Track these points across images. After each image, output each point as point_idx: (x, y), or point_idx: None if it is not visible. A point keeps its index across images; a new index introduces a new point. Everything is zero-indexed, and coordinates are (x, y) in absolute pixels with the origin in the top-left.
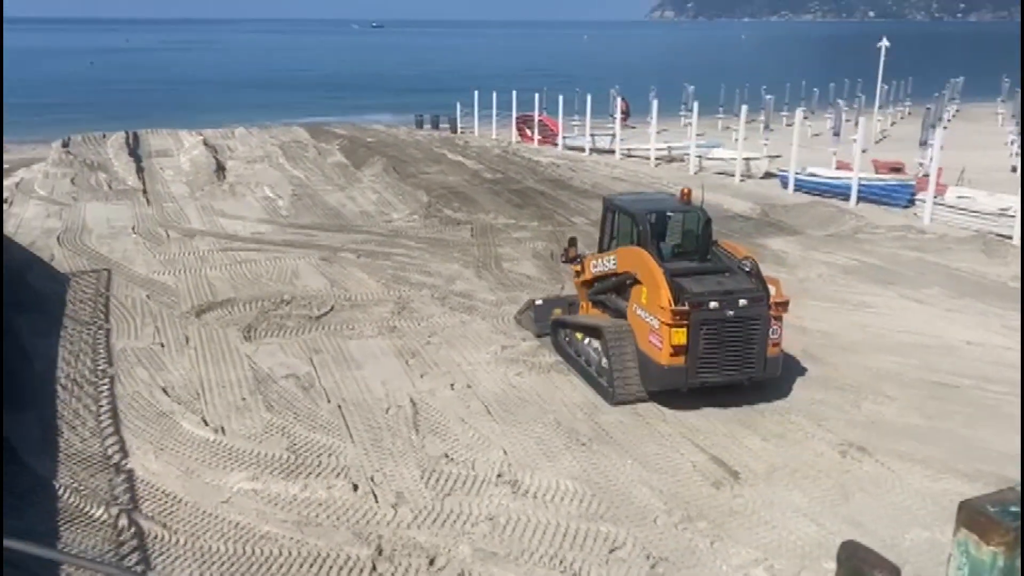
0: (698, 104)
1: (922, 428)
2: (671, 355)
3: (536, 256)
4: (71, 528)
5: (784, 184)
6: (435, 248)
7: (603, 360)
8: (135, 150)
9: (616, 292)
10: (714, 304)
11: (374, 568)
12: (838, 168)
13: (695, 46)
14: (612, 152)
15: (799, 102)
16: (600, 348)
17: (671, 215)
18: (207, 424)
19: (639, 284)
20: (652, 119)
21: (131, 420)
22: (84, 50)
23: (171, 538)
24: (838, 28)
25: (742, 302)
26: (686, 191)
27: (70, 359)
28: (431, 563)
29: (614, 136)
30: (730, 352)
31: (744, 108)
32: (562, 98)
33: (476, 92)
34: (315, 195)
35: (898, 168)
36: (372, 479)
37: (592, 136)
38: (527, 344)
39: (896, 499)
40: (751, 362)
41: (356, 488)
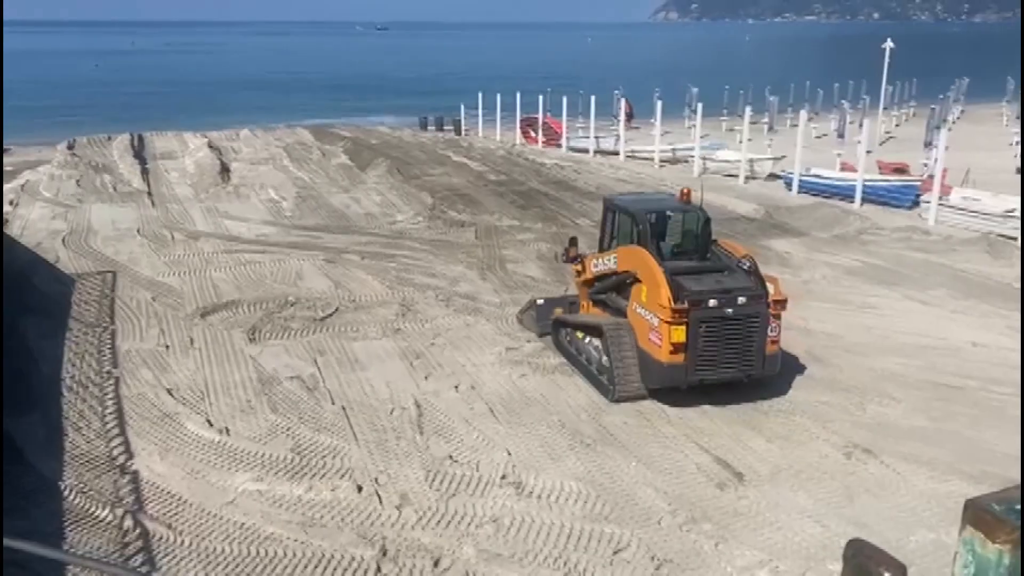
0: (702, 105)
1: (927, 429)
2: (671, 353)
3: (540, 258)
4: (76, 529)
5: (788, 185)
6: (439, 250)
7: (603, 358)
8: (140, 152)
9: (616, 291)
10: (713, 302)
11: (378, 569)
12: (842, 169)
13: (699, 47)
14: (616, 154)
15: (803, 103)
16: (600, 346)
17: (671, 215)
18: (212, 425)
19: (639, 283)
20: (656, 121)
21: (136, 421)
22: (89, 52)
23: (176, 539)
24: (842, 29)
25: (741, 300)
26: (685, 191)
27: (75, 360)
28: (435, 564)
29: (618, 138)
30: (729, 350)
31: (748, 109)
32: (566, 100)
33: (480, 94)
34: (319, 197)
35: (903, 169)
36: (376, 480)
37: (596, 138)
38: (531, 346)
39: (901, 500)
40: (750, 360)
41: (360, 489)
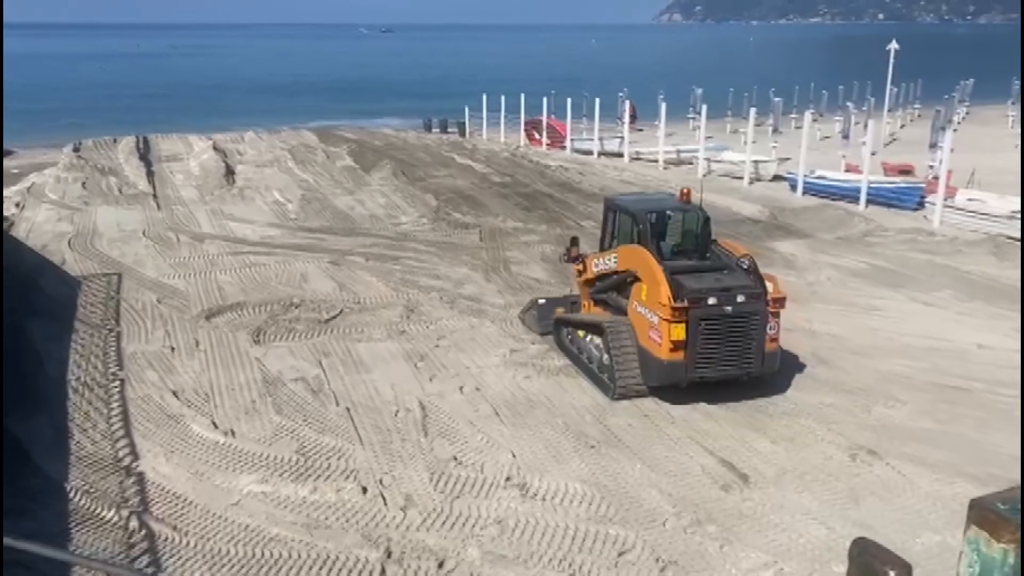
0: (706, 107)
1: (933, 432)
2: (671, 350)
3: (545, 259)
4: (82, 530)
5: (793, 187)
6: (444, 252)
7: (604, 356)
8: (145, 155)
9: (617, 290)
10: (712, 300)
11: (383, 571)
12: (847, 171)
13: (703, 49)
14: (620, 155)
15: (808, 105)
16: (601, 345)
17: (671, 214)
18: (217, 427)
19: (639, 282)
20: (660, 122)
21: (141, 423)
22: (95, 55)
23: (181, 540)
24: (847, 30)
25: (740, 298)
26: (685, 191)
27: (81, 362)
28: (440, 566)
29: (622, 139)
30: (728, 347)
31: (753, 111)
32: (570, 102)
33: (484, 96)
34: (324, 199)
35: (908, 171)
36: (381, 482)
37: (600, 139)
38: (536, 347)
39: (907, 503)
40: (749, 357)
41: (365, 491)
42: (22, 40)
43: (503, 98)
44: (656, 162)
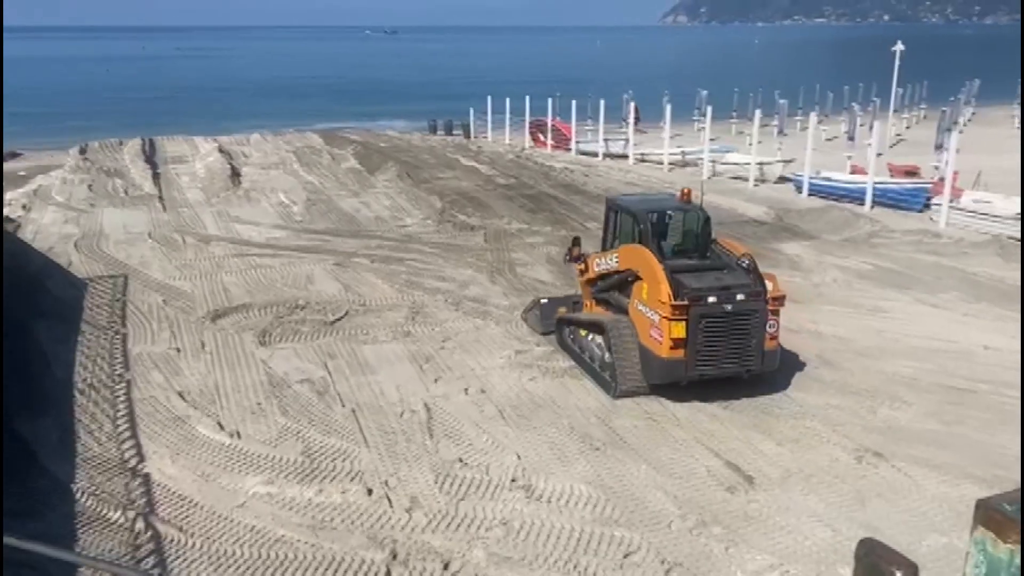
0: (711, 108)
1: (939, 433)
2: (671, 348)
3: (550, 261)
4: (89, 531)
5: (798, 188)
6: (449, 253)
7: (606, 355)
8: (151, 156)
9: (619, 289)
10: (712, 299)
11: (388, 572)
12: (853, 172)
13: (708, 50)
14: (625, 157)
15: (813, 106)
16: (603, 343)
17: (671, 214)
18: (223, 428)
19: (640, 281)
20: (665, 124)
21: (147, 424)
22: (101, 58)
23: (187, 541)
24: (852, 32)
25: (740, 297)
26: (686, 191)
27: (88, 364)
28: (445, 567)
29: (627, 141)
30: (728, 345)
31: (758, 112)
32: (575, 103)
33: (489, 98)
34: (329, 201)
35: (913, 172)
36: (386, 483)
37: (605, 141)
38: (541, 349)
39: (913, 505)
40: (749, 355)
41: (371, 492)
42: (28, 43)
43: (508, 100)
44: (661, 164)
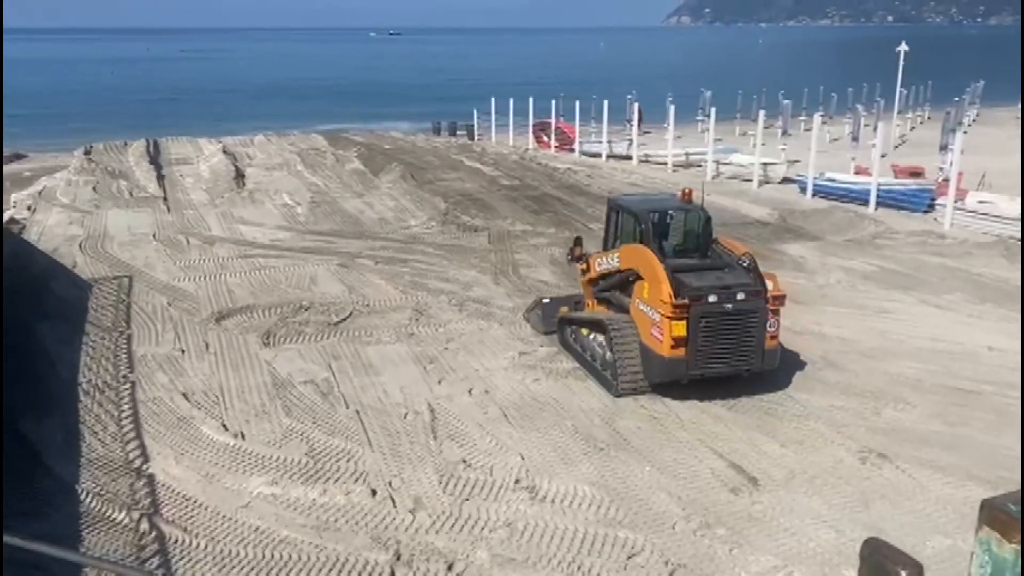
0: (715, 109)
1: (943, 435)
2: (672, 347)
3: (554, 262)
4: (93, 531)
5: (802, 189)
6: (453, 254)
7: (607, 354)
8: (156, 158)
9: (620, 289)
10: (713, 298)
11: (392, 573)
12: (857, 173)
13: (712, 51)
14: (629, 158)
15: (817, 107)
16: (604, 342)
17: (672, 214)
18: (227, 429)
19: (641, 280)
20: (669, 125)
21: (152, 425)
22: (105, 59)
23: (191, 542)
24: (856, 32)
25: (740, 296)
26: (687, 191)
27: (92, 365)
28: (449, 568)
29: (631, 142)
30: (729, 344)
31: (762, 113)
32: (579, 104)
33: (493, 99)
34: (333, 202)
35: (918, 173)
36: (390, 484)
37: (609, 142)
38: (545, 350)
39: (917, 506)
40: (749, 354)
41: (374, 493)
42: (32, 45)
43: (511, 101)
44: (665, 165)
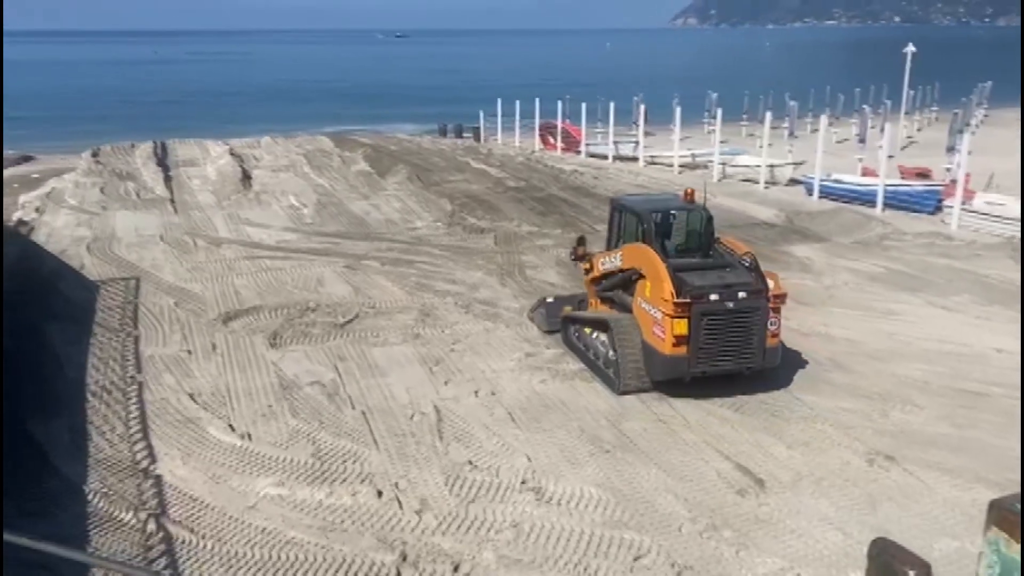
0: (721, 111)
1: (951, 437)
2: (674, 345)
3: (560, 263)
4: (100, 532)
5: (809, 191)
6: (459, 256)
7: (610, 352)
8: (163, 160)
9: (623, 288)
10: (714, 296)
11: (399, 574)
12: (864, 174)
13: (718, 53)
14: (635, 159)
15: (824, 108)
16: (607, 341)
17: (675, 214)
18: (234, 430)
19: (644, 279)
20: (675, 126)
21: (159, 426)
22: (112, 62)
23: (198, 543)
24: (863, 33)
25: (741, 295)
26: (689, 191)
27: (100, 366)
28: (455, 569)
29: (637, 143)
30: (730, 342)
31: (768, 114)
32: (585, 106)
33: (499, 101)
34: (340, 203)
35: (925, 174)
36: (396, 485)
37: (615, 143)
38: (551, 351)
39: (924, 508)
40: (750, 352)
41: (381, 494)
42: (40, 47)
43: (518, 103)
44: (671, 166)
